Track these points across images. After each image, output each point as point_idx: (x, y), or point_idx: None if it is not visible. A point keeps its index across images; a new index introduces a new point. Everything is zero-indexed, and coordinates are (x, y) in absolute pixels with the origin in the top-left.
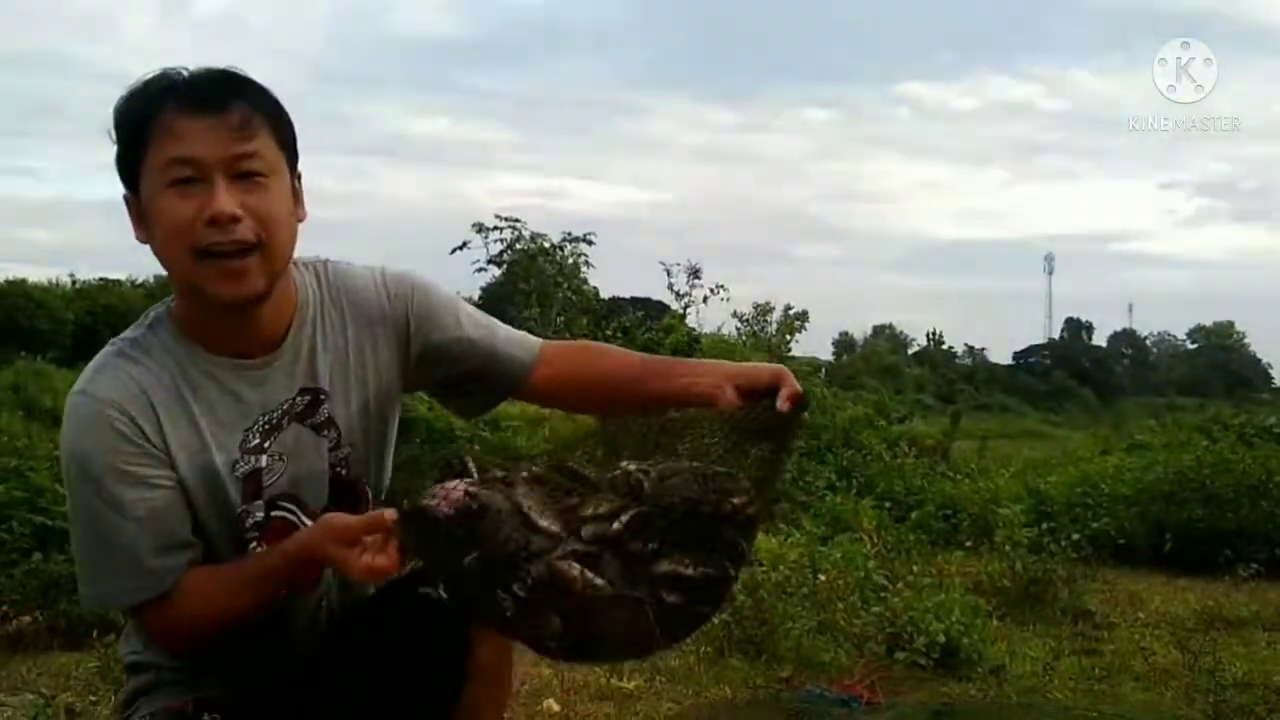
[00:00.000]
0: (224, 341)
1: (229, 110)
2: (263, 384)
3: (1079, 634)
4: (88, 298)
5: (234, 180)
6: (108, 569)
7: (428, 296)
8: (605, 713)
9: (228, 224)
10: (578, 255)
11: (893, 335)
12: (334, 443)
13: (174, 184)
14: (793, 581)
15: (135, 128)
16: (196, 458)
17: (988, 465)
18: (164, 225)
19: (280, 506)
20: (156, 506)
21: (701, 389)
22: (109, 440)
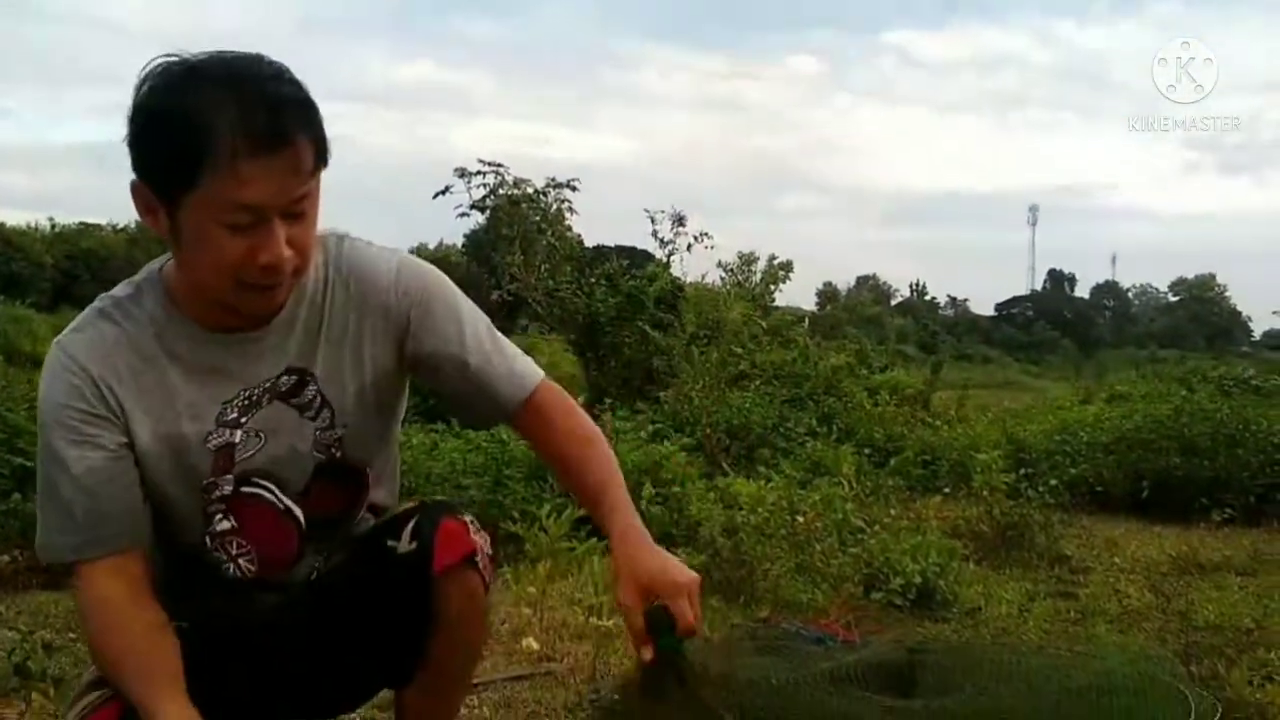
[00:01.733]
0: (216, 318)
1: (294, 146)
2: (246, 359)
3: (1055, 578)
4: (67, 242)
5: (285, 218)
6: (50, 520)
7: (435, 303)
8: (584, 651)
9: (278, 267)
10: (561, 201)
11: (876, 286)
12: (326, 423)
13: (230, 224)
14: (771, 523)
15: (190, 146)
16: (164, 425)
17: (967, 414)
18: (212, 258)
19: (255, 483)
20: (95, 467)
21: (617, 563)
22: (62, 395)
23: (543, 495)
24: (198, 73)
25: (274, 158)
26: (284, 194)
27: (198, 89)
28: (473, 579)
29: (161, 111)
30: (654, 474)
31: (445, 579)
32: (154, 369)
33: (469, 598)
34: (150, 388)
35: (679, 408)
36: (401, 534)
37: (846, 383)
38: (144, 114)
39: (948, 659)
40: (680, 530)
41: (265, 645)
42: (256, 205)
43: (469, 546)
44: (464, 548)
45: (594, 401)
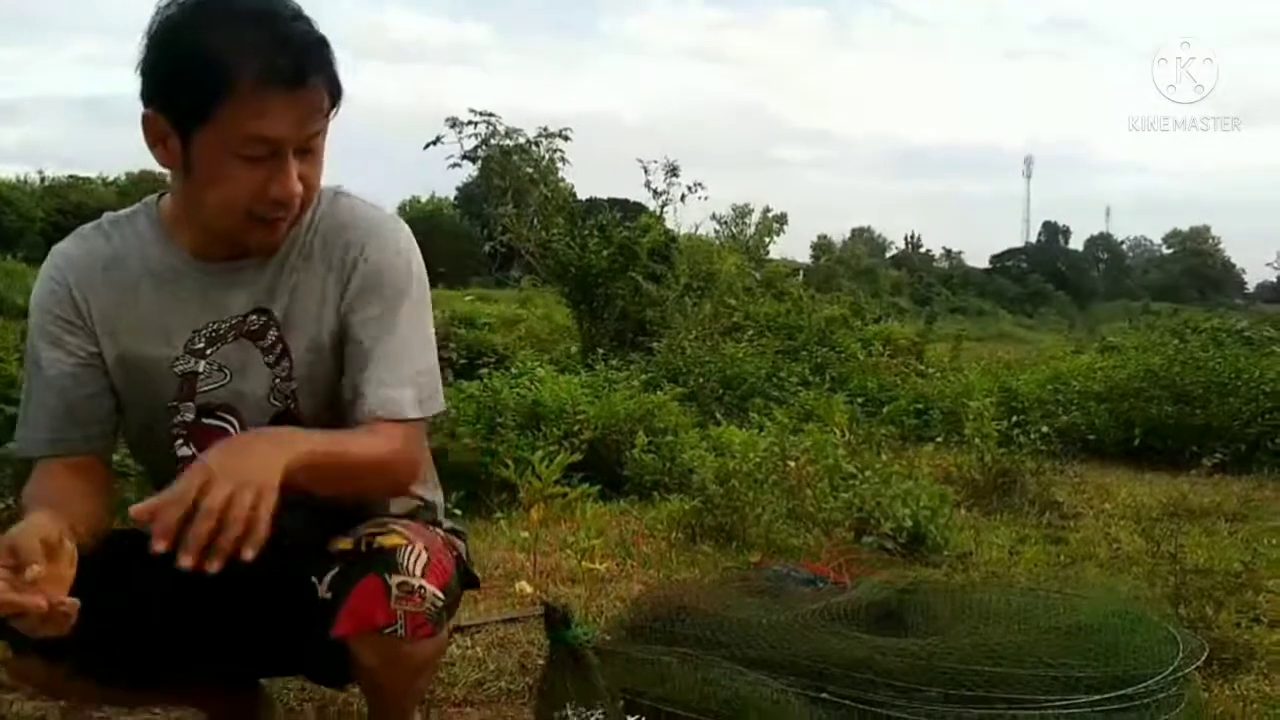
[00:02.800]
0: (205, 245)
1: (310, 88)
2: (221, 290)
3: (1045, 523)
4: (57, 195)
5: (298, 154)
6: (25, 416)
7: (385, 289)
8: (577, 594)
9: (290, 201)
10: (554, 152)
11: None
12: (285, 374)
13: (246, 156)
14: (763, 469)
15: (208, 78)
16: (134, 343)
17: (961, 364)
18: (225, 190)
19: (218, 416)
20: (65, 371)
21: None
22: (44, 299)
23: (535, 442)
24: (220, 6)
25: (295, 94)
26: (301, 130)
27: (222, 22)
28: (386, 645)
29: (185, 42)
30: (647, 423)
31: (356, 640)
32: (132, 288)
33: (383, 661)
34: (125, 305)
35: (672, 358)
36: (325, 575)
37: (840, 334)
38: (165, 44)
39: (937, 599)
40: (673, 478)
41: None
42: (274, 139)
43: (381, 619)
44: (376, 619)
45: (587, 352)
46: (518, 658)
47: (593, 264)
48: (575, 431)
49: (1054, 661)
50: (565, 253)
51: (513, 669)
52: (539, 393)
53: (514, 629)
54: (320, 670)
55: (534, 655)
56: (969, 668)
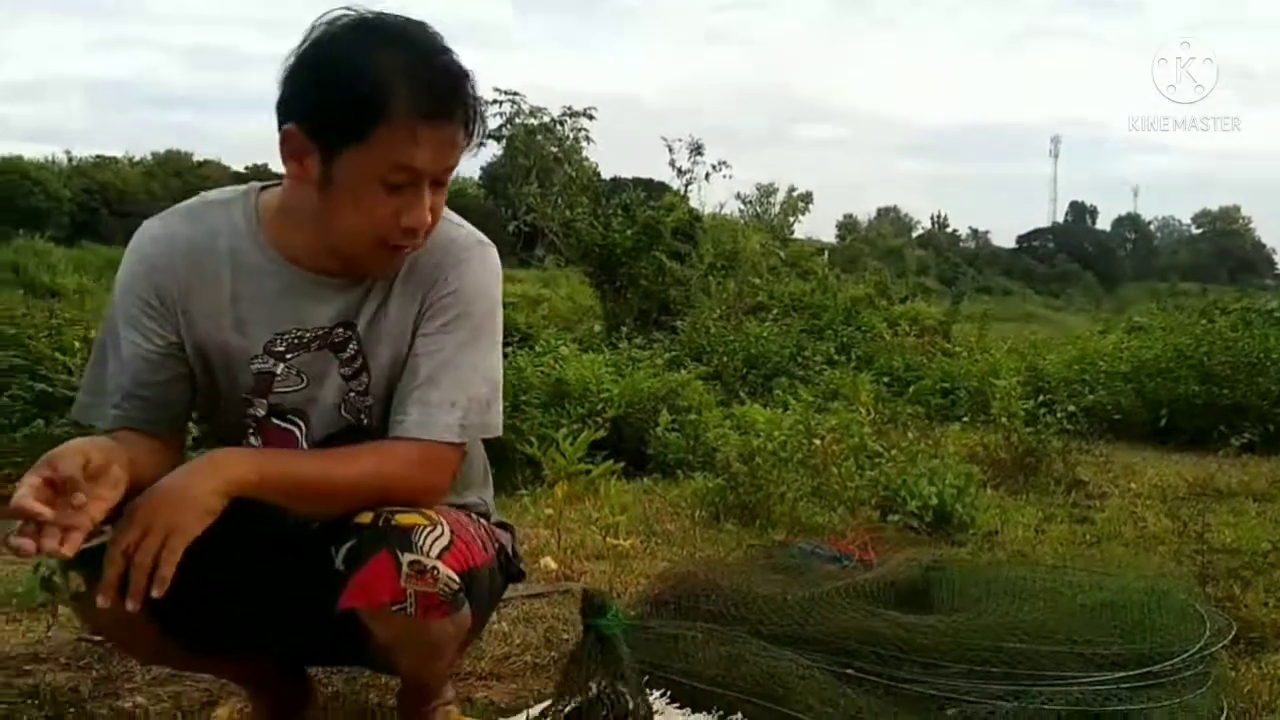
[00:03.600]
0: (301, 251)
1: (458, 121)
2: (311, 301)
3: (1071, 503)
4: (85, 175)
5: (432, 185)
6: (90, 383)
7: (454, 309)
8: (601, 570)
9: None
10: (578, 131)
11: (897, 218)
12: (361, 389)
13: (389, 183)
14: (788, 448)
15: (365, 104)
16: (211, 331)
17: (987, 344)
18: (361, 215)
19: (288, 419)
20: (140, 355)
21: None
22: (128, 279)
23: (559, 420)
24: (377, 32)
25: (443, 128)
26: (442, 162)
27: (381, 49)
28: (395, 623)
29: (343, 65)
30: (670, 401)
31: (368, 616)
32: (213, 277)
33: (396, 638)
34: (205, 292)
35: (695, 337)
36: (342, 546)
37: (866, 313)
38: (322, 64)
39: (963, 577)
40: (696, 456)
41: (261, 562)
42: (420, 169)
43: (388, 595)
44: (384, 595)
45: (610, 331)
46: (543, 632)
47: (616, 243)
48: (599, 410)
49: (1080, 639)
50: (589, 232)
51: (538, 643)
52: (563, 371)
53: (539, 604)
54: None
55: (559, 630)
56: (995, 644)
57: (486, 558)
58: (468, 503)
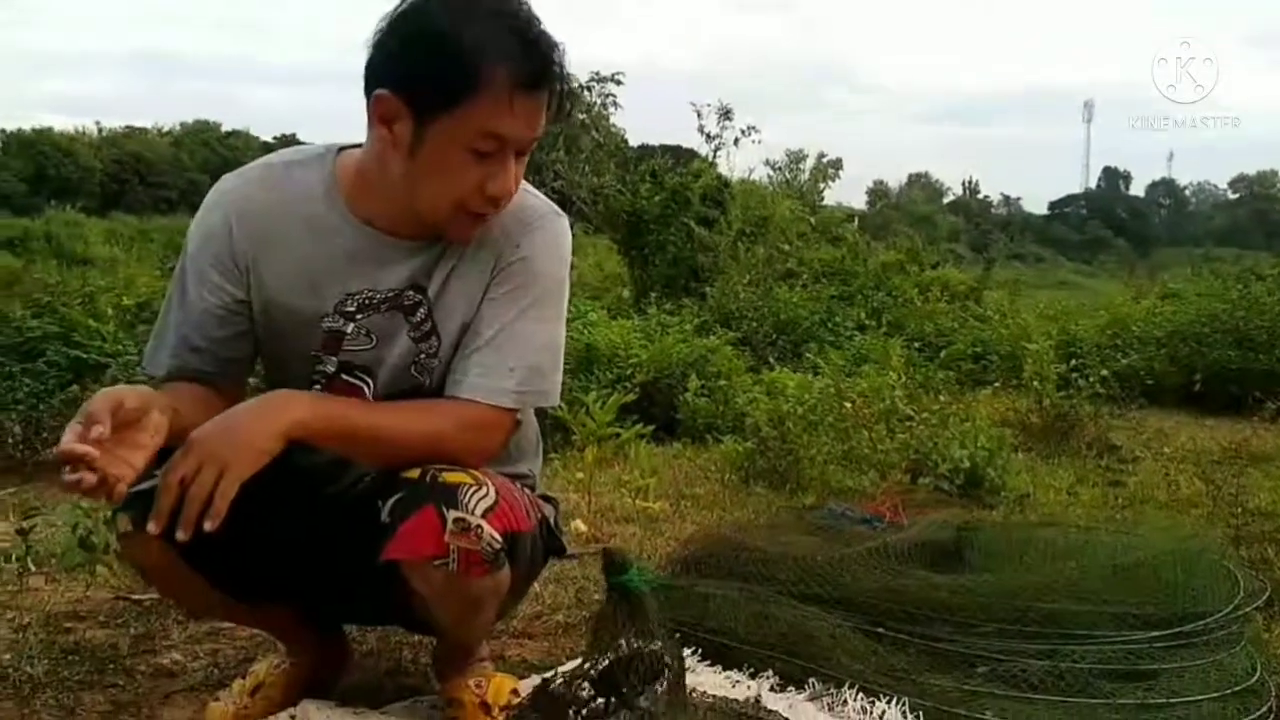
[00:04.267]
0: (377, 214)
1: (549, 94)
2: (382, 263)
3: (1104, 467)
4: (115, 146)
5: (518, 156)
6: (158, 332)
7: (520, 276)
8: (631, 533)
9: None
10: (606, 97)
11: (928, 184)
12: (431, 351)
13: (476, 151)
14: (818, 411)
15: (464, 70)
16: (281, 290)
17: (1019, 310)
18: (447, 181)
19: (356, 375)
20: (208, 310)
21: None
22: (201, 235)
23: (589, 384)
24: (473, 1)
25: (534, 98)
26: (531, 131)
27: (478, 18)
28: (438, 577)
29: (441, 32)
30: (699, 367)
31: (409, 568)
32: (286, 236)
33: (435, 592)
34: (277, 251)
35: (725, 303)
36: (389, 499)
37: (897, 279)
38: (419, 31)
39: (994, 538)
40: (726, 421)
41: (314, 508)
42: (508, 138)
43: (430, 550)
44: (426, 549)
45: (639, 298)
46: (574, 593)
47: (645, 210)
48: (628, 375)
49: (1112, 599)
50: (617, 199)
51: (569, 603)
52: (591, 336)
53: (569, 565)
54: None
55: (590, 590)
56: (1026, 604)
57: (529, 525)
58: (518, 472)
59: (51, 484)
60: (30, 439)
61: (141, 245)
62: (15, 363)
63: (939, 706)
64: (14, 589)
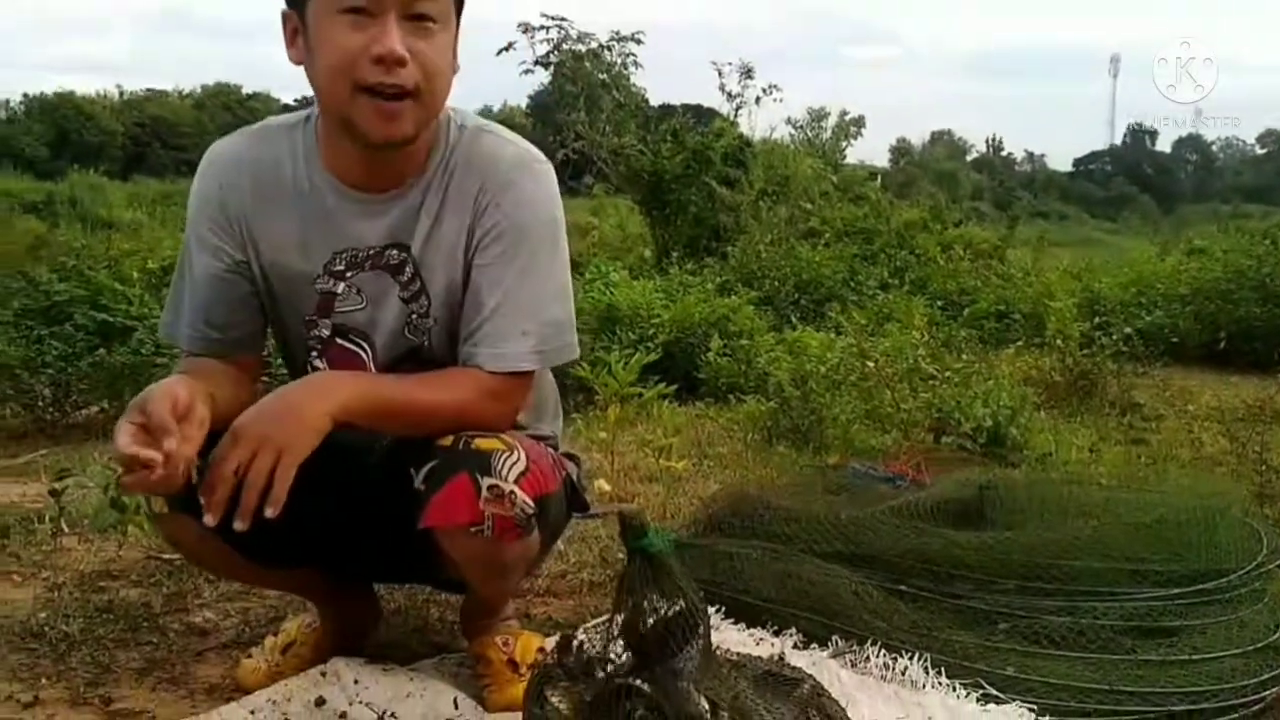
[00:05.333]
0: (347, 169)
1: None
2: (363, 219)
3: (1127, 425)
4: (135, 109)
5: (405, 20)
6: (171, 301)
7: (510, 235)
8: (654, 492)
9: (393, 66)
10: (626, 56)
11: (951, 141)
12: (422, 310)
13: (346, 12)
14: (840, 370)
15: None
16: (275, 252)
17: (1043, 268)
18: (328, 53)
19: (352, 340)
20: (211, 274)
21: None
22: (198, 199)
23: (611, 344)
24: None
25: None
26: None
27: None
28: (471, 543)
29: None
30: (722, 327)
31: (443, 534)
32: (285, 199)
33: (468, 557)
34: (269, 214)
35: (746, 263)
36: (423, 466)
37: (919, 238)
38: None
39: (1016, 495)
40: (748, 380)
41: (342, 478)
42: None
43: (466, 517)
44: (462, 517)
45: (660, 258)
46: (598, 551)
47: (666, 170)
48: (650, 335)
49: (1134, 556)
50: (638, 159)
51: (593, 562)
52: (613, 297)
53: (593, 524)
54: (430, 569)
55: (613, 549)
56: (1047, 561)
57: (557, 485)
58: (541, 434)
59: (81, 446)
60: (60, 401)
61: (164, 208)
62: (43, 326)
63: (961, 662)
64: (48, 549)
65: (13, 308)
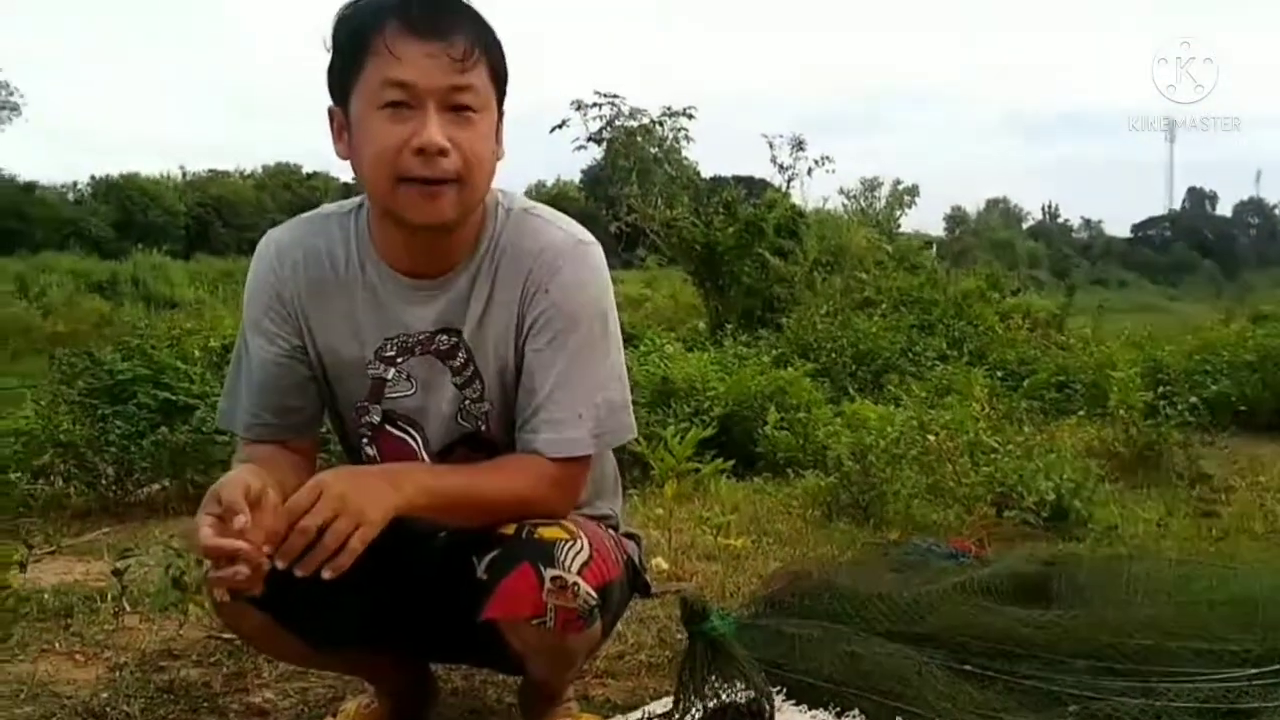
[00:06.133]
0: (397, 255)
1: (452, 39)
2: (412, 306)
3: (1195, 497)
4: (198, 189)
5: (445, 111)
6: (229, 388)
7: (559, 321)
8: (713, 570)
9: (434, 156)
10: (678, 130)
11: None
12: (476, 395)
13: (387, 106)
14: (900, 444)
15: (354, 42)
16: (330, 337)
17: (1103, 336)
18: (371, 146)
19: (401, 426)
20: (268, 360)
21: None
22: (255, 285)
23: (666, 418)
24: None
25: (428, 42)
26: (434, 76)
27: (369, 1)
28: (535, 634)
29: (338, 26)
30: (778, 399)
31: (506, 625)
32: (339, 286)
33: (532, 648)
34: (323, 300)
35: (802, 334)
36: (484, 557)
37: (977, 307)
38: (331, 37)
39: (1083, 572)
40: (807, 454)
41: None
42: (408, 83)
43: (530, 609)
44: (525, 609)
45: (714, 330)
46: (656, 632)
47: (719, 241)
48: (706, 408)
49: (1209, 634)
50: (690, 231)
51: (651, 642)
52: (668, 369)
53: (651, 604)
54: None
55: (672, 629)
56: (1118, 640)
57: (619, 571)
58: (600, 513)
59: (144, 524)
60: (123, 480)
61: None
62: (107, 405)
63: None
64: (110, 628)
65: (78, 387)
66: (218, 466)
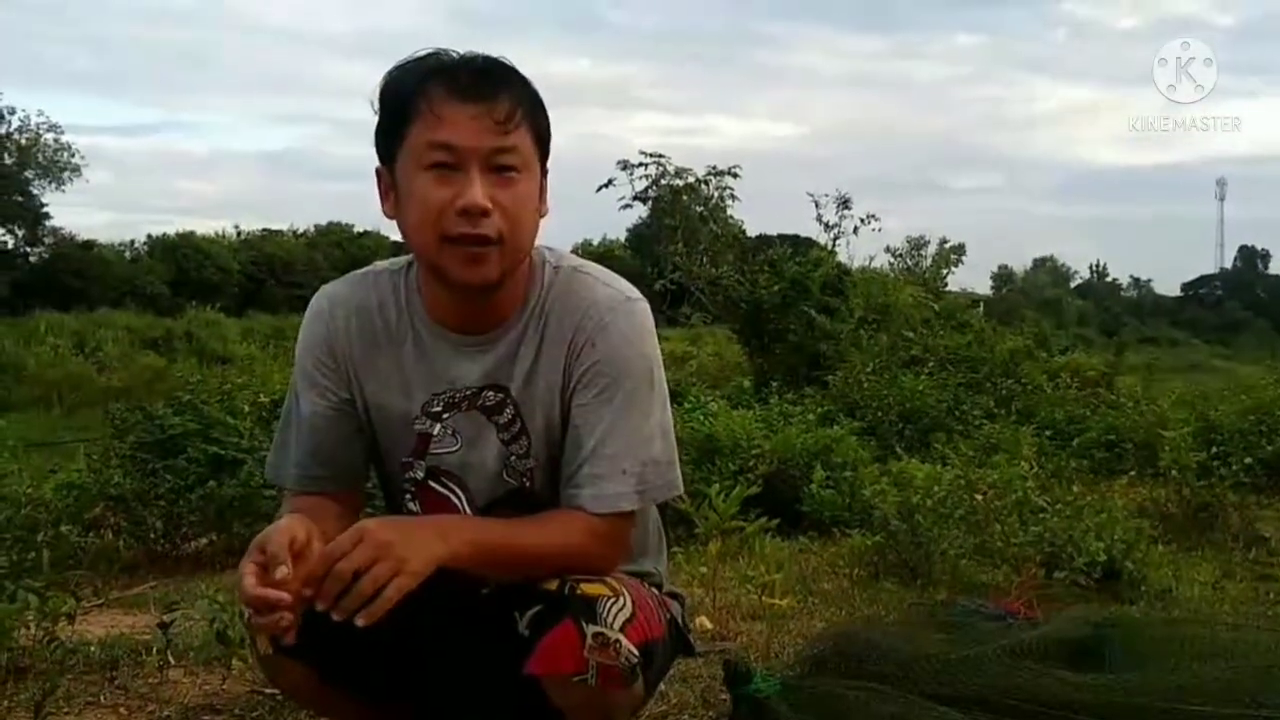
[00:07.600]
0: (445, 312)
1: (495, 101)
2: (459, 361)
3: (1251, 560)
4: (252, 248)
5: (489, 172)
6: (278, 442)
7: (604, 379)
8: (758, 630)
9: (477, 217)
10: (723, 189)
11: (1054, 268)
12: (522, 451)
13: (432, 167)
14: (948, 503)
15: (400, 104)
16: (379, 392)
17: (1154, 395)
18: (416, 207)
19: (444, 483)
20: (318, 413)
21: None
22: (306, 340)
23: (711, 476)
24: (421, 56)
25: (472, 104)
26: (479, 138)
27: (416, 64)
28: (576, 691)
29: (385, 89)
30: (824, 457)
31: (548, 682)
32: (389, 341)
33: (573, 706)
34: (376, 356)
35: (848, 391)
36: (527, 612)
37: (1025, 366)
38: (379, 91)
39: (1136, 635)
40: (853, 513)
41: (445, 617)
42: (452, 144)
43: (571, 666)
44: (567, 665)
45: (759, 387)
46: (700, 692)
47: (764, 299)
48: (751, 466)
49: (1266, 700)
50: (736, 289)
51: (694, 702)
52: (713, 427)
53: (695, 663)
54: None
55: (716, 690)
56: (1171, 705)
57: (662, 630)
58: (643, 570)
59: (191, 577)
60: (170, 533)
61: (277, 343)
62: (157, 459)
63: None
64: (154, 681)
65: (129, 441)
66: (264, 521)
